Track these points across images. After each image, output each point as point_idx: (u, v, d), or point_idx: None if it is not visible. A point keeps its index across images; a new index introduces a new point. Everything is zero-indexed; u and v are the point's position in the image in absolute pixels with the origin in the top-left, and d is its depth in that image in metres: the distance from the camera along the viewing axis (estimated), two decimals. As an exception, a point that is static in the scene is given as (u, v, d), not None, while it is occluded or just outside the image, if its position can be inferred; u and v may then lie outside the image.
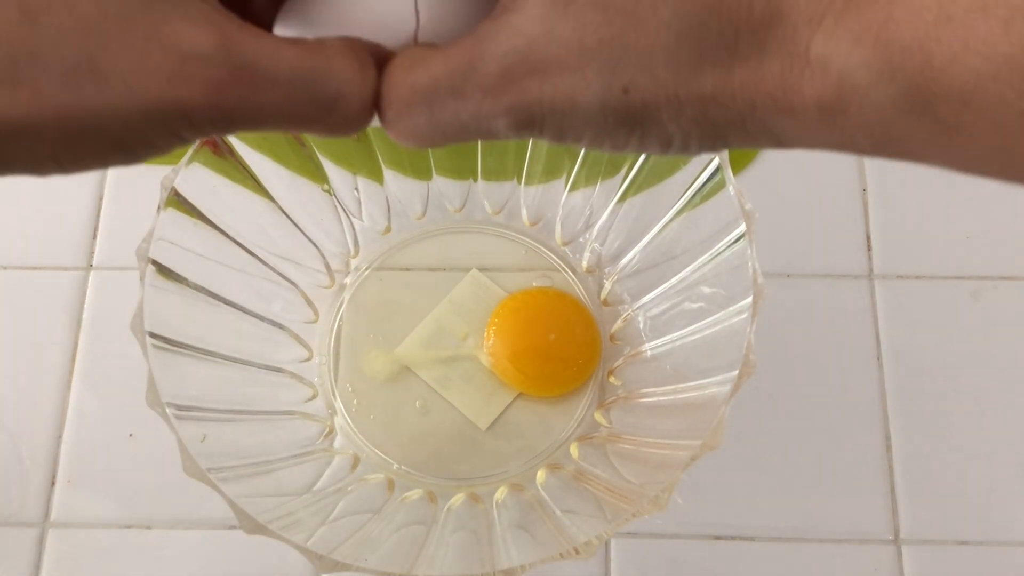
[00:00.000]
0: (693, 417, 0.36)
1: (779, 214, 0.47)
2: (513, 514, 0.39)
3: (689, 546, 0.42)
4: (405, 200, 0.47)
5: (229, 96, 0.19)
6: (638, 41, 0.19)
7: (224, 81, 0.19)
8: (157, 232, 0.36)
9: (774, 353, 0.44)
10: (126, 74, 0.18)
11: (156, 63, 0.18)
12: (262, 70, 0.19)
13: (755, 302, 0.35)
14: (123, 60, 0.18)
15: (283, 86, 0.20)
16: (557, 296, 0.46)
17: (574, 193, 0.45)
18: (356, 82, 0.21)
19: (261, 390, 0.41)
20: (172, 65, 0.19)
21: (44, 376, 0.46)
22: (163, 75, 0.19)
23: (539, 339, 0.44)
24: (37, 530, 0.43)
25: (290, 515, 0.34)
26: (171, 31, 0.19)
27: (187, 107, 0.19)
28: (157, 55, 0.18)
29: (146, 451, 0.44)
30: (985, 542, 0.42)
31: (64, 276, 0.48)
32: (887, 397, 0.45)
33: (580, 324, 0.45)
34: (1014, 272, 0.47)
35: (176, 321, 0.36)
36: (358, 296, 0.47)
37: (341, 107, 0.21)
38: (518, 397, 0.44)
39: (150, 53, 0.18)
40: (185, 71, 0.19)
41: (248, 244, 0.41)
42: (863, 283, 0.47)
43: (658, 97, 0.20)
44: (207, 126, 0.20)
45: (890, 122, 0.18)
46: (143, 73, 0.18)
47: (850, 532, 0.43)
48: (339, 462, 0.41)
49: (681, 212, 0.40)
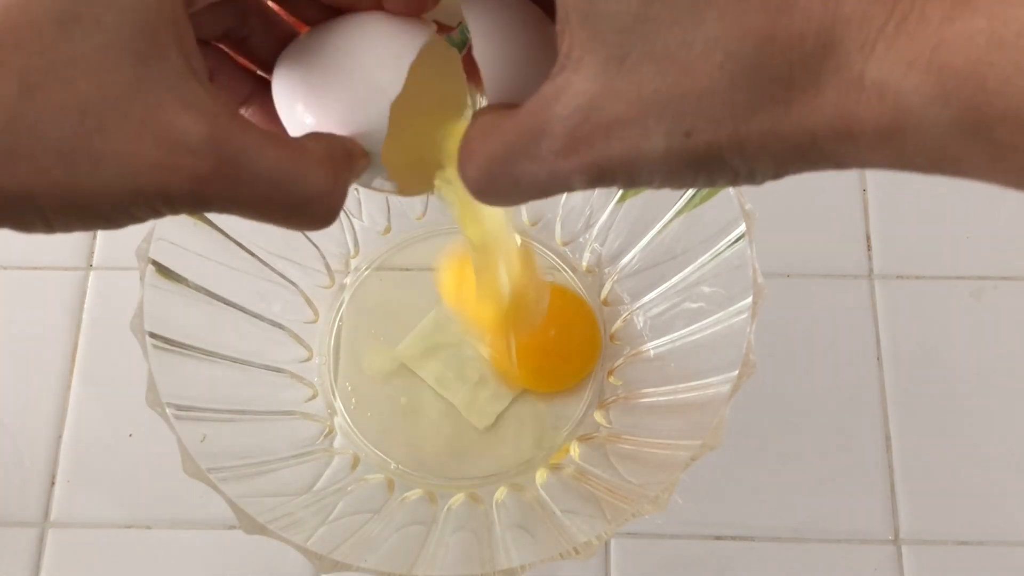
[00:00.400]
0: (693, 417, 0.36)
1: (779, 214, 0.47)
2: (513, 514, 0.39)
3: (689, 546, 0.42)
4: (405, 200, 0.47)
5: (210, 187, 0.20)
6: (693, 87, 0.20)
7: (207, 173, 0.20)
8: (157, 232, 0.36)
9: (774, 353, 0.44)
10: (119, 156, 0.19)
11: (147, 149, 0.19)
12: (244, 167, 0.20)
13: (755, 302, 0.35)
14: (117, 143, 0.19)
15: (262, 185, 0.21)
16: (558, 292, 0.46)
17: (574, 193, 0.45)
18: (328, 190, 0.22)
19: (261, 390, 0.41)
20: (161, 153, 0.19)
21: (44, 376, 0.46)
22: (152, 161, 0.19)
23: (540, 334, 0.44)
24: (37, 530, 0.43)
25: (290, 515, 0.34)
26: (164, 117, 0.20)
27: (170, 192, 0.20)
28: (149, 141, 0.19)
29: (146, 451, 0.44)
30: (985, 542, 0.42)
31: (64, 276, 0.48)
32: (887, 397, 0.45)
33: (580, 320, 0.45)
34: (1014, 272, 0.47)
35: (176, 321, 0.36)
36: (358, 296, 0.47)
37: (312, 210, 0.22)
38: (518, 397, 0.44)
39: (143, 138, 0.19)
40: (172, 160, 0.20)
41: (248, 244, 0.41)
42: (863, 283, 0.47)
43: (719, 138, 0.20)
44: (185, 208, 0.21)
45: (947, 144, 0.19)
46: (134, 157, 0.19)
47: (850, 532, 0.43)
48: (339, 462, 0.41)
49: (681, 212, 0.40)
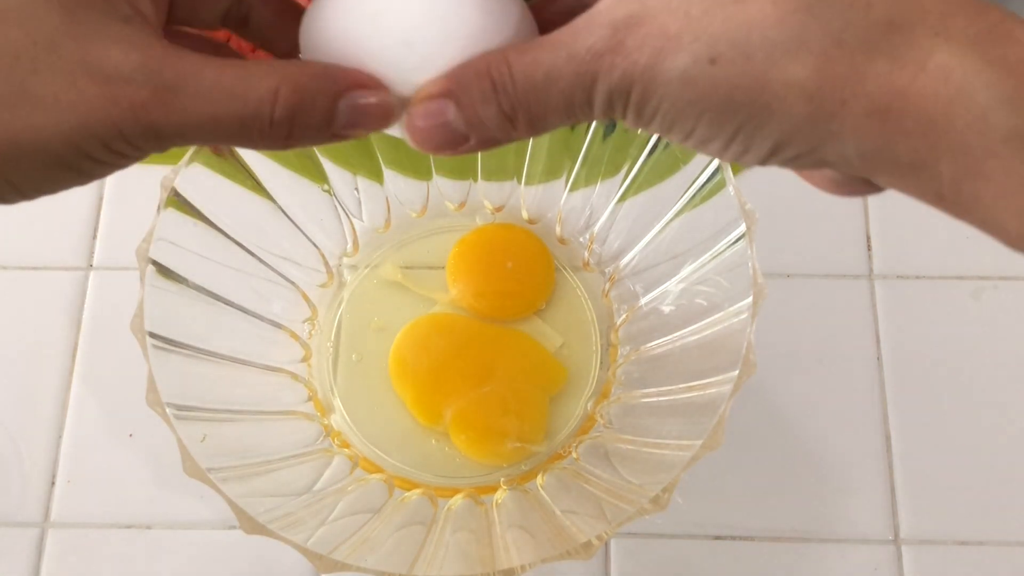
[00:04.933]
0: (693, 417, 0.36)
1: (779, 214, 0.47)
2: (513, 514, 0.39)
3: (689, 546, 0.42)
4: (405, 199, 0.47)
5: (153, 114, 0.20)
6: (740, 15, 0.19)
7: (146, 100, 0.20)
8: (157, 232, 0.36)
9: (774, 353, 0.44)
10: (57, 96, 0.20)
11: (83, 85, 0.20)
12: (182, 89, 0.21)
13: (755, 302, 0.35)
14: (53, 83, 0.20)
15: (202, 103, 0.21)
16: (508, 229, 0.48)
17: (574, 193, 0.45)
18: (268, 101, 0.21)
19: (261, 390, 0.41)
20: (98, 87, 0.20)
21: (44, 376, 0.46)
22: (90, 96, 0.20)
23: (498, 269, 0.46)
24: (37, 530, 0.43)
25: (290, 515, 0.34)
26: (96, 54, 0.20)
27: (117, 124, 0.20)
28: (83, 78, 0.20)
29: (146, 451, 0.44)
30: (985, 542, 0.42)
31: (64, 276, 0.48)
32: (887, 397, 0.45)
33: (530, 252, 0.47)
34: (1014, 272, 0.47)
35: (176, 321, 0.36)
36: (357, 295, 0.47)
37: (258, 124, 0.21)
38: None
39: (77, 76, 0.20)
40: (110, 92, 0.20)
41: (248, 244, 0.41)
42: (863, 283, 0.47)
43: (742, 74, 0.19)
44: (140, 141, 0.21)
45: (989, 154, 0.18)
46: (71, 94, 0.20)
47: (850, 532, 0.43)
48: (339, 462, 0.41)
49: (681, 212, 0.40)
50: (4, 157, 0.20)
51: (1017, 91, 0.18)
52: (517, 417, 0.43)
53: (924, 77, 0.18)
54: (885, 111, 0.19)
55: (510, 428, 0.42)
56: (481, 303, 0.45)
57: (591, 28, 0.21)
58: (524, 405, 0.43)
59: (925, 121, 0.18)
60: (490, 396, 0.43)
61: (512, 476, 0.42)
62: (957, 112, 0.18)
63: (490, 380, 0.43)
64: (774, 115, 0.20)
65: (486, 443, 0.42)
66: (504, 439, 0.42)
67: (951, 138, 0.18)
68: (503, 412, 0.43)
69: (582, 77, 0.21)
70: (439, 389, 0.43)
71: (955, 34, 0.18)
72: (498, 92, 0.21)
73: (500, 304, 0.46)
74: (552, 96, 0.21)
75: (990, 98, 0.18)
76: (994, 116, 0.18)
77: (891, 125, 0.19)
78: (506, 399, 0.43)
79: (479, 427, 0.42)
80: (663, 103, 0.20)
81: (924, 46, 0.18)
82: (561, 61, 0.21)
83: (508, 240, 0.47)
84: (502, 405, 0.43)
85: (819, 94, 0.19)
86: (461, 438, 0.42)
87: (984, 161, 0.18)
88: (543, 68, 0.21)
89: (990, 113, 0.18)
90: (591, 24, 0.21)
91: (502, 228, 0.47)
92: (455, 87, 0.22)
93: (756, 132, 0.20)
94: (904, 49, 0.19)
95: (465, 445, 0.42)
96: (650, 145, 0.40)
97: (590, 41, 0.20)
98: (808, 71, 0.19)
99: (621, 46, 0.20)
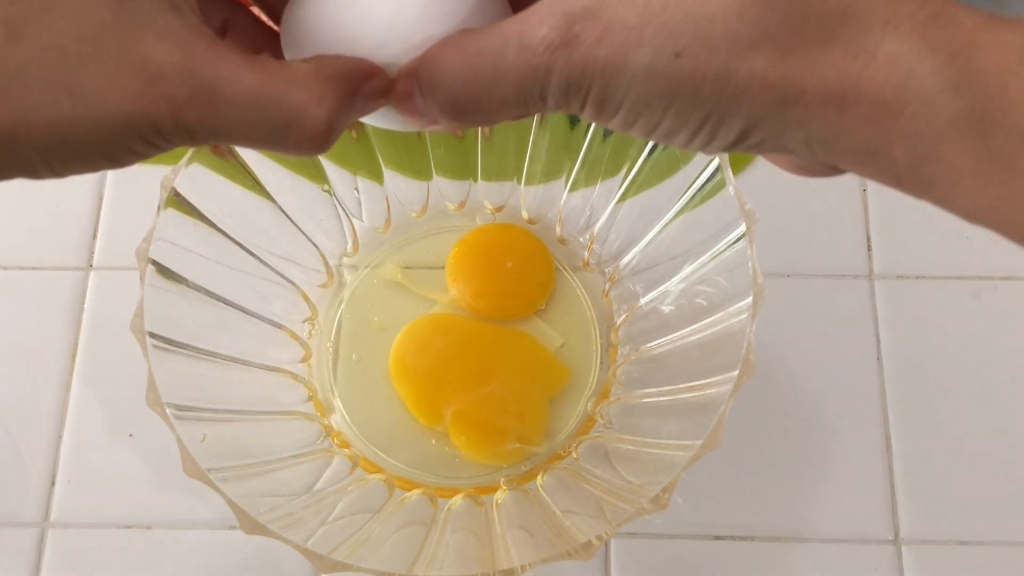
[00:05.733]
0: (693, 417, 0.36)
1: (779, 214, 0.47)
2: (513, 514, 0.39)
3: (689, 546, 0.42)
4: (405, 200, 0.47)
5: (189, 113, 0.21)
6: (701, 8, 0.19)
7: (184, 100, 0.21)
8: (157, 232, 0.36)
9: (774, 353, 0.44)
10: (101, 90, 0.20)
11: (126, 80, 0.20)
12: (219, 92, 0.21)
13: (755, 302, 0.35)
14: (97, 77, 0.20)
15: (238, 108, 0.21)
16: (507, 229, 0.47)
17: (574, 193, 0.45)
18: (310, 110, 0.22)
19: (261, 390, 0.41)
20: (140, 83, 0.20)
21: (44, 376, 0.46)
22: (132, 91, 0.20)
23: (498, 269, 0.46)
24: (37, 530, 0.43)
25: (290, 515, 0.34)
26: (141, 49, 0.21)
27: (155, 120, 0.21)
28: (128, 73, 0.20)
29: (146, 451, 0.44)
30: (985, 542, 0.42)
31: (64, 276, 0.48)
32: (887, 397, 0.45)
33: (530, 252, 0.47)
34: (1014, 272, 0.47)
35: (176, 321, 0.36)
36: (357, 295, 0.47)
37: (295, 132, 0.22)
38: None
39: (122, 71, 0.20)
40: (151, 89, 0.20)
41: (248, 244, 0.41)
42: (863, 283, 0.47)
43: (707, 67, 0.19)
44: (175, 137, 0.21)
45: (939, 138, 0.18)
46: (115, 89, 0.20)
47: (850, 532, 0.43)
48: (339, 462, 0.41)
49: (681, 212, 0.40)
50: (48, 144, 0.21)
51: (961, 76, 0.18)
52: (517, 417, 0.43)
53: (875, 65, 0.19)
54: (841, 100, 0.19)
55: (510, 428, 0.42)
56: (481, 303, 0.45)
57: (543, 18, 0.20)
58: (524, 405, 0.43)
59: (878, 108, 0.19)
60: (490, 396, 0.43)
61: (512, 476, 0.42)
62: (906, 99, 0.19)
63: (490, 380, 0.43)
64: (740, 105, 0.20)
65: (486, 443, 0.42)
66: (504, 439, 0.42)
67: (903, 124, 0.19)
68: (503, 412, 0.43)
69: (535, 71, 0.21)
70: (439, 389, 0.43)
71: (903, 21, 0.19)
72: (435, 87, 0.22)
73: (500, 304, 0.46)
74: (500, 89, 0.21)
75: (936, 83, 0.18)
76: (940, 101, 0.18)
77: (847, 113, 0.19)
78: (506, 399, 0.43)
79: (479, 427, 0.42)
80: (627, 98, 0.20)
81: (875, 34, 0.19)
82: (511, 53, 0.21)
83: (508, 240, 0.47)
84: (502, 405, 0.43)
85: (781, 83, 0.19)
86: (461, 438, 0.42)
87: (936, 145, 0.19)
88: (491, 59, 0.21)
89: (937, 98, 0.18)
90: (544, 13, 0.21)
91: (502, 228, 0.47)
92: (416, 70, 0.23)
93: (722, 122, 0.20)
94: (857, 37, 0.19)
95: (465, 445, 0.42)
96: (650, 145, 0.40)
97: (542, 32, 0.20)
98: (770, 62, 0.19)
99: (577, 39, 0.20)
